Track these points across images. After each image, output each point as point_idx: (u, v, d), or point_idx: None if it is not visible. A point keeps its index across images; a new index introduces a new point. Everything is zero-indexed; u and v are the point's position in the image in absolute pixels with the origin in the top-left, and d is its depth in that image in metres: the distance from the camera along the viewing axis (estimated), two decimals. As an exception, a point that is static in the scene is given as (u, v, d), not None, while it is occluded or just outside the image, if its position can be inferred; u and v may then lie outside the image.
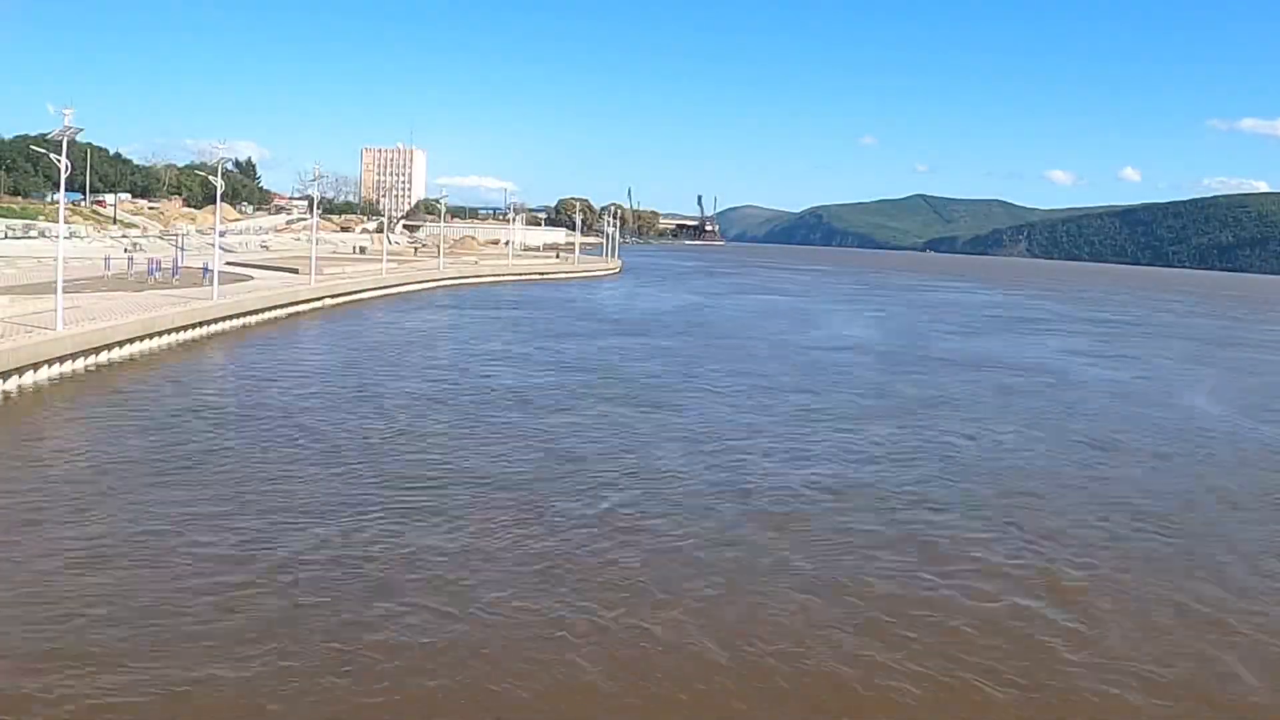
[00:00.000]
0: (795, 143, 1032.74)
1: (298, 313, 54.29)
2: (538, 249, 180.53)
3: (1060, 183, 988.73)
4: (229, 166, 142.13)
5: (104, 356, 33.61)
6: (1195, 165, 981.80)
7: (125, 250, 75.97)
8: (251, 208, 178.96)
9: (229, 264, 67.35)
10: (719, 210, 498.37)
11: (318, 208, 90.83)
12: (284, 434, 24.70)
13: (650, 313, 69.09)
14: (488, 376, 36.04)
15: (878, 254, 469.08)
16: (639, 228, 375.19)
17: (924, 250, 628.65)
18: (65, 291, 33.87)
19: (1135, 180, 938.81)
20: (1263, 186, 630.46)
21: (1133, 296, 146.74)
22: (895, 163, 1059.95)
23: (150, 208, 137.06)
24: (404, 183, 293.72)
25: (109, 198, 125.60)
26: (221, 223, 79.92)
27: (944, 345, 55.90)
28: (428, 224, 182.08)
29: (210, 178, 60.55)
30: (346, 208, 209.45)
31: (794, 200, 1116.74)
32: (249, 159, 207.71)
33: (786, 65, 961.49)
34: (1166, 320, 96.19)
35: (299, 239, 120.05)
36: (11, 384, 27.95)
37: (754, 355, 46.44)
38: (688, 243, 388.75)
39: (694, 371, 39.52)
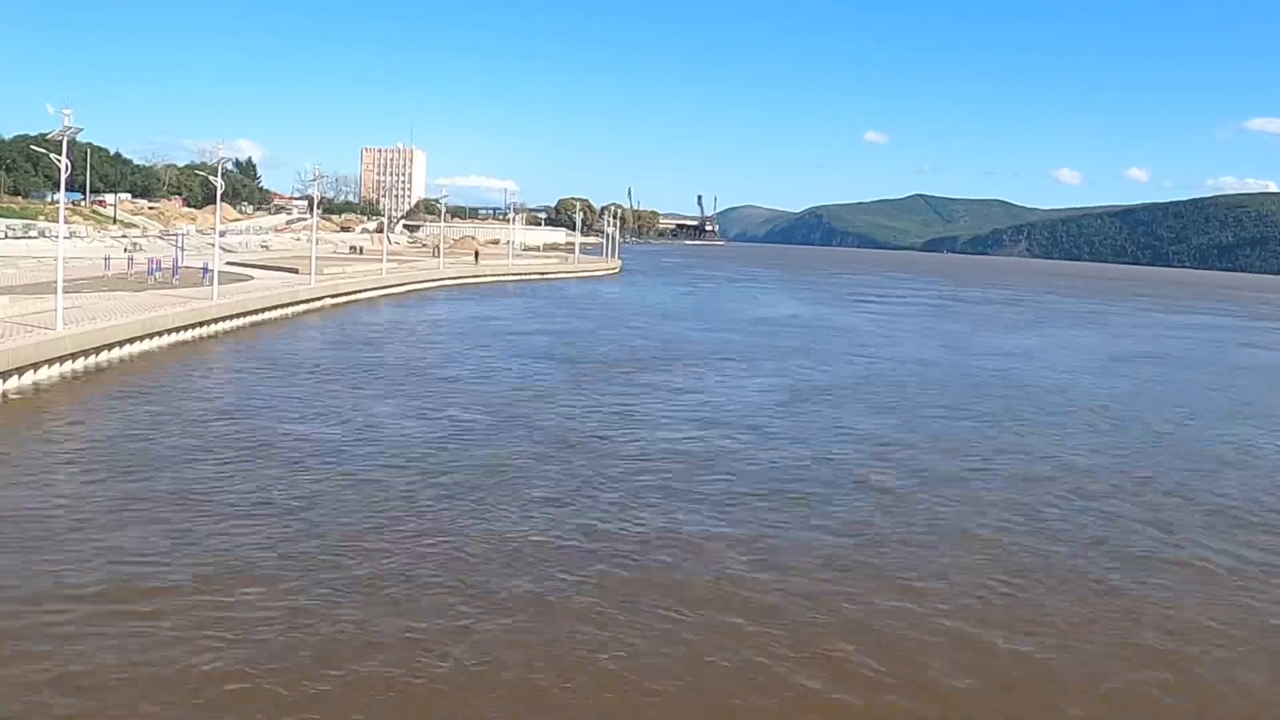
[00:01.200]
0: (795, 143, 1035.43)
1: (298, 313, 54.26)
2: (538, 249, 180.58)
3: (1067, 182, 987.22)
4: (229, 166, 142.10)
5: (104, 356, 33.58)
6: (1204, 166, 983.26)
7: (125, 250, 75.96)
8: (251, 208, 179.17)
9: (229, 264, 67.32)
10: (719, 210, 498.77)
11: (318, 208, 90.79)
12: (284, 433, 24.66)
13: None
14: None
15: (876, 253, 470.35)
16: (639, 227, 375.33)
17: (944, 251, 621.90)
18: (65, 291, 33.83)
19: (1142, 180, 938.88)
20: (1271, 186, 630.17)
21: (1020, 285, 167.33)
22: (896, 162, 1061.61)
23: (150, 208, 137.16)
24: (404, 183, 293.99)
25: (109, 198, 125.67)
26: (221, 223, 79.88)
27: (809, 313, 76.98)
28: (428, 224, 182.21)
29: (210, 178, 60.50)
30: (346, 207, 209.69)
31: (794, 200, 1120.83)
32: (249, 159, 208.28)
33: (787, 64, 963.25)
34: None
35: (299, 239, 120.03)
36: (11, 384, 27.94)
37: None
38: (688, 243, 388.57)
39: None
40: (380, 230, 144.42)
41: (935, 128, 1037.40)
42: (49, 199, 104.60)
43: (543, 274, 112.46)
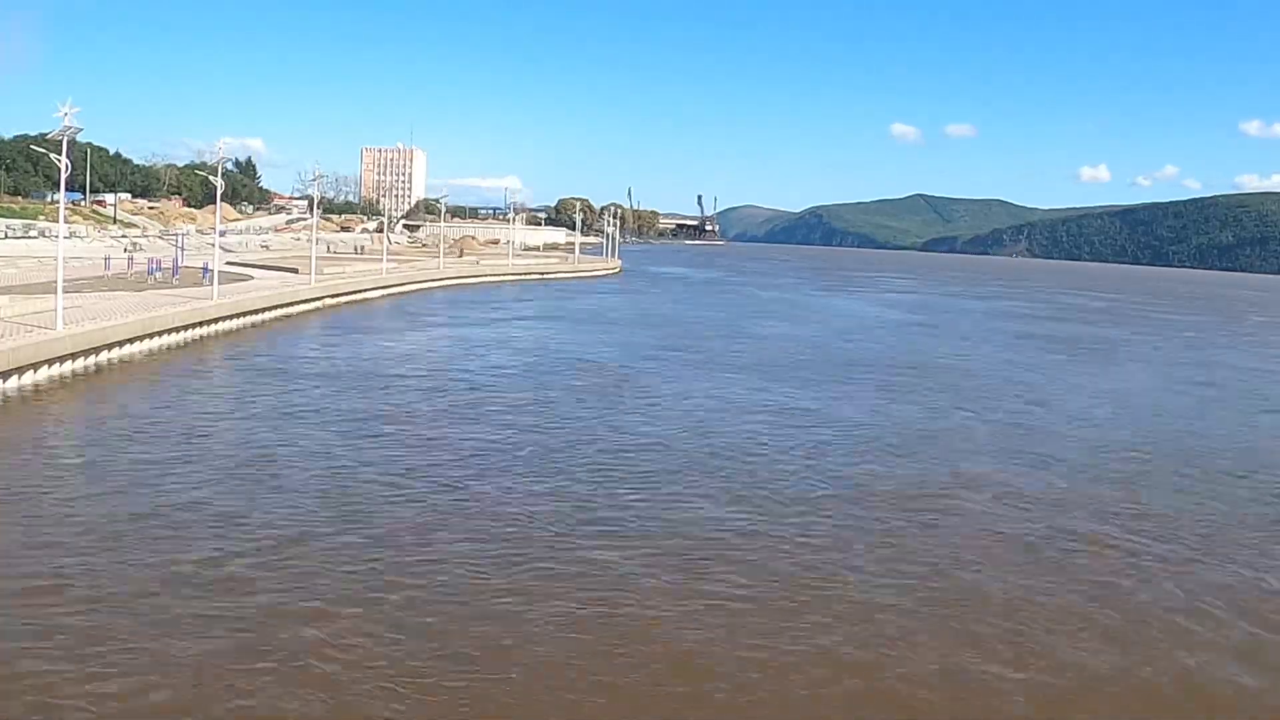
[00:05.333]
0: (795, 143, 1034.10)
1: (298, 312, 54.28)
2: (538, 249, 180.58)
3: (1084, 182, 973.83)
4: (229, 166, 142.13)
5: (104, 356, 33.60)
6: (1225, 166, 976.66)
7: (125, 250, 76.02)
8: (251, 207, 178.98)
9: (229, 264, 67.35)
10: (719, 210, 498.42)
11: (318, 208, 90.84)
12: (282, 432, 24.68)
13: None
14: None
15: (876, 253, 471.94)
16: (639, 227, 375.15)
17: (1013, 256, 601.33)
18: (65, 291, 33.87)
19: (1162, 180, 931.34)
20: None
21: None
22: (896, 162, 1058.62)
23: (150, 208, 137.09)
24: (404, 183, 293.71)
25: (109, 198, 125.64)
26: (221, 222, 79.87)
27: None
28: (428, 224, 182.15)
29: (210, 178, 60.52)
30: (346, 207, 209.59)
31: (794, 200, 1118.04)
32: (249, 159, 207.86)
33: (787, 64, 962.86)
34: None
35: (299, 239, 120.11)
36: (11, 384, 27.94)
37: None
38: (688, 242, 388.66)
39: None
40: (380, 230, 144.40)
41: (936, 124, 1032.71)
42: (49, 199, 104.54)
43: (542, 274, 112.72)
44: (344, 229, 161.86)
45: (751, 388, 35.59)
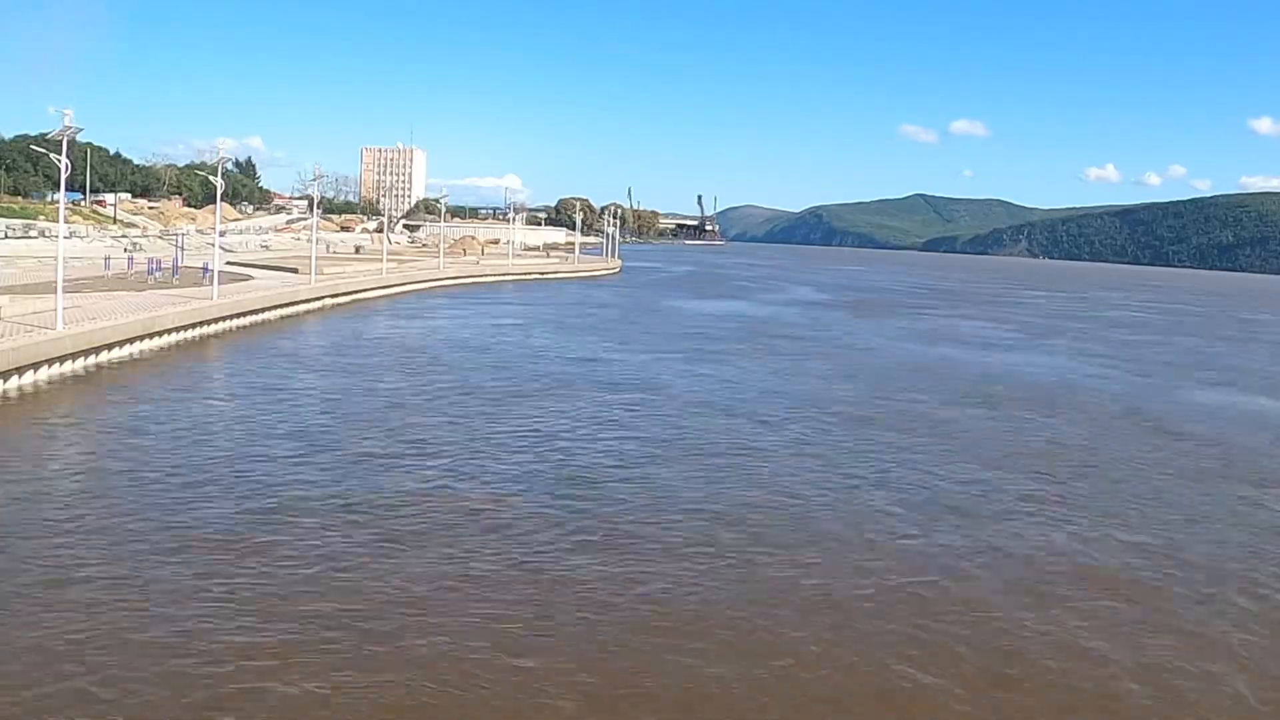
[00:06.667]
0: (796, 143, 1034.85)
1: (298, 313, 54.27)
2: (538, 249, 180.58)
3: (1091, 182, 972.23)
4: (229, 166, 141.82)
5: (104, 356, 33.60)
6: (1230, 166, 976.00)
7: (125, 250, 75.98)
8: (251, 207, 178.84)
9: (229, 264, 67.34)
10: (719, 210, 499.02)
11: (318, 208, 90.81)
12: (281, 434, 24.67)
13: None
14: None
15: (872, 252, 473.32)
16: (639, 227, 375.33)
17: (1041, 258, 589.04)
18: (65, 291, 33.85)
19: (1169, 179, 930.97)
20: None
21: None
22: (897, 162, 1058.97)
23: (150, 207, 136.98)
24: (404, 183, 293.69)
25: (109, 197, 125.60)
26: (221, 222, 79.82)
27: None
28: (428, 224, 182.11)
29: (210, 177, 60.49)
30: (346, 207, 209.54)
31: (794, 200, 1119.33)
32: (249, 159, 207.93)
33: (787, 64, 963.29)
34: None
35: (299, 239, 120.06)
36: (12, 384, 27.93)
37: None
38: (688, 242, 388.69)
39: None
40: (380, 230, 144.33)
41: (938, 123, 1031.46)
42: (49, 199, 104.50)
43: (543, 273, 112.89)
44: (344, 229, 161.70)
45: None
